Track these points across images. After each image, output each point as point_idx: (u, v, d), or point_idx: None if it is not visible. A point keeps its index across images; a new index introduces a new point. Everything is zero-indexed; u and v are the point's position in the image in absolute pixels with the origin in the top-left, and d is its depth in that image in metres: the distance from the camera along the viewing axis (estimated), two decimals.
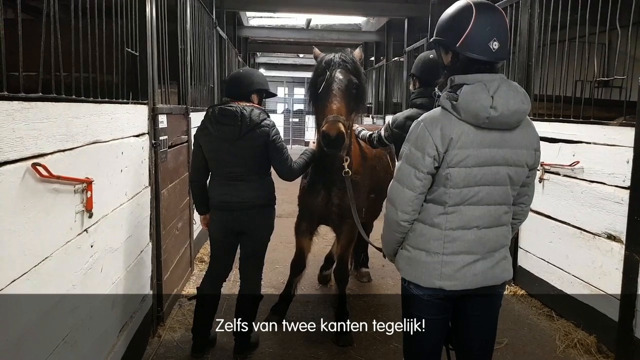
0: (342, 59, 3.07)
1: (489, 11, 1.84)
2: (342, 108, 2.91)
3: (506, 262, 2.01)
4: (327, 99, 2.94)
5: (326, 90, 2.97)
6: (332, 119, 2.84)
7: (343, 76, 3.00)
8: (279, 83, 28.08)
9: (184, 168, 4.41)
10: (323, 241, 4.99)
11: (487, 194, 1.88)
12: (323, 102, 2.97)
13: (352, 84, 3.02)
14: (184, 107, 4.48)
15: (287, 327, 3.66)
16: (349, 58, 3.09)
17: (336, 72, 3.00)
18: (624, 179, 3.23)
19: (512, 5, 4.68)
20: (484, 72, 1.84)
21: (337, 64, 3.05)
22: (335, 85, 2.97)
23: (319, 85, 3.02)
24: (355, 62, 3.11)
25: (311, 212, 3.60)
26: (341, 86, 2.97)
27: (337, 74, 3.00)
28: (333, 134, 2.80)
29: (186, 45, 4.65)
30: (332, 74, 3.00)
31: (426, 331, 2.03)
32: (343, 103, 2.92)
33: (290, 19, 14.12)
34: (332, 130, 2.81)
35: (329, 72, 3.00)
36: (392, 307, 4.07)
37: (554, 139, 4.01)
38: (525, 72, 4.53)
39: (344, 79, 3.00)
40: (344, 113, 2.91)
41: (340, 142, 2.83)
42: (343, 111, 2.90)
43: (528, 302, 4.24)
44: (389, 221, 2.03)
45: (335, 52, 3.15)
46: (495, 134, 1.84)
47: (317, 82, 3.07)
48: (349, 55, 3.12)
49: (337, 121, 2.83)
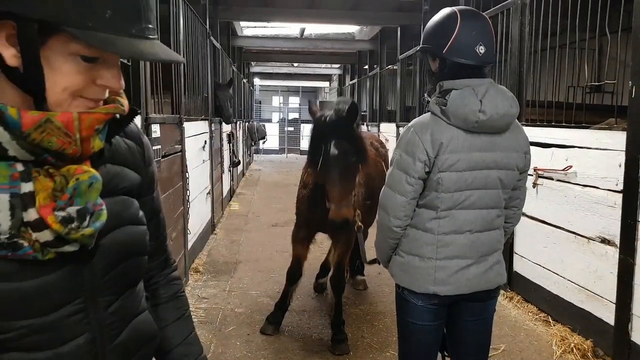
0: (336, 127, 2.97)
1: (474, 17, 1.87)
2: (343, 191, 2.94)
3: (499, 267, 2.01)
4: (329, 180, 2.95)
5: (325, 169, 2.96)
6: (336, 206, 2.92)
7: (338, 150, 2.93)
8: (274, 92, 28.18)
9: (177, 178, 4.40)
10: (319, 249, 4.98)
11: (478, 198, 1.89)
12: (324, 177, 2.99)
13: (349, 154, 2.96)
14: (178, 117, 4.48)
15: (282, 337, 3.65)
16: (339, 121, 2.97)
17: (331, 146, 2.93)
18: (617, 183, 3.24)
19: (503, 12, 4.72)
20: (472, 76, 1.85)
21: (332, 132, 2.97)
22: (330, 167, 2.93)
23: (317, 156, 2.98)
24: (346, 125, 2.98)
25: (309, 220, 3.59)
26: (340, 165, 2.93)
27: (332, 148, 2.93)
28: (338, 221, 2.93)
29: (179, 55, 4.65)
30: (328, 148, 2.94)
31: (421, 337, 2.03)
32: (344, 183, 2.94)
33: (284, 28, 14.19)
34: (336, 217, 2.92)
35: (324, 146, 2.95)
36: (388, 314, 4.06)
37: (547, 144, 4.02)
38: (517, 79, 4.56)
39: (339, 155, 2.93)
40: (347, 194, 2.96)
41: (346, 224, 2.96)
42: (344, 193, 2.94)
43: (524, 308, 4.23)
44: (381, 227, 2.03)
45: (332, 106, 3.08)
46: (485, 137, 1.86)
47: (314, 150, 3.04)
48: (339, 115, 2.97)
49: (339, 208, 2.91)
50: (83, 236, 0.81)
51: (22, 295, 0.81)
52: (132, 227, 0.98)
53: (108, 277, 0.92)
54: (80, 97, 0.82)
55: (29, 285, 0.81)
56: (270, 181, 12.85)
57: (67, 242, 0.81)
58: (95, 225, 0.83)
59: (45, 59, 0.77)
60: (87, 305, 0.90)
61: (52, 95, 0.79)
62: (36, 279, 0.82)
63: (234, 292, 4.55)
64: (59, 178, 0.80)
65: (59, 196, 0.79)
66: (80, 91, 0.81)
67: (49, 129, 0.77)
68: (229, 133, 8.88)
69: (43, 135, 0.77)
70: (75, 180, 0.80)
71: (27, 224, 0.78)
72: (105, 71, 0.82)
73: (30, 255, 0.80)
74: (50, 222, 0.78)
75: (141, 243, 1.00)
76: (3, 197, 0.77)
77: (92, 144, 0.83)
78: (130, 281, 1.00)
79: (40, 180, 0.79)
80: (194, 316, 3.92)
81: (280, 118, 27.58)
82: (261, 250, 6.01)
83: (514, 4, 4.52)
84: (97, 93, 0.84)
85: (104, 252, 0.91)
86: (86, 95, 0.82)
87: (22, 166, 0.79)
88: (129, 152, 1.02)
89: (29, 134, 0.76)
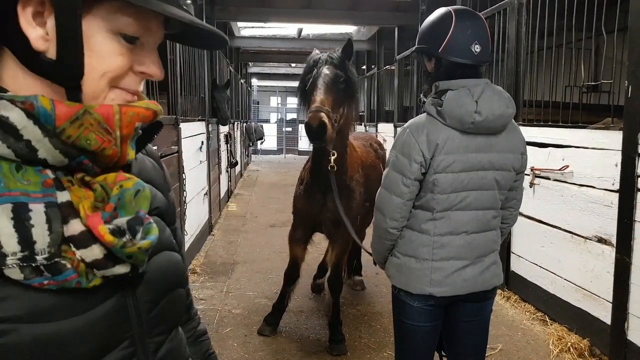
0: (329, 56, 3.08)
1: (469, 16, 1.87)
2: (327, 99, 2.88)
3: (496, 267, 2.01)
4: (312, 92, 2.94)
5: (312, 86, 2.98)
6: (315, 109, 2.82)
7: (329, 71, 3.00)
8: (272, 93, 28.14)
9: (174, 179, 4.39)
10: (316, 250, 4.98)
11: (474, 199, 1.88)
12: (309, 97, 2.97)
13: (338, 77, 3.00)
14: (174, 118, 4.47)
15: (280, 338, 3.65)
16: (336, 55, 3.10)
17: (323, 68, 3.02)
18: (613, 182, 3.24)
19: (499, 12, 4.73)
20: (468, 76, 1.85)
21: (324, 61, 3.06)
22: (320, 80, 2.97)
23: (307, 82, 3.04)
24: (342, 58, 3.10)
25: (306, 219, 3.58)
26: (326, 79, 2.96)
27: (323, 69, 3.01)
28: (314, 123, 2.77)
29: (175, 56, 4.65)
30: (319, 70, 3.01)
31: (418, 338, 2.03)
32: (328, 95, 2.91)
33: (282, 28, 14.17)
34: (313, 120, 2.78)
35: (316, 69, 3.03)
36: (385, 315, 4.05)
37: (544, 144, 4.03)
38: (514, 78, 4.57)
39: (330, 73, 2.99)
40: (329, 104, 2.88)
41: (322, 132, 2.78)
42: (327, 102, 2.87)
43: (521, 307, 4.24)
44: (378, 229, 2.03)
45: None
46: (481, 138, 1.85)
47: (305, 80, 3.10)
48: (337, 53, 3.13)
49: (318, 111, 2.80)
50: (140, 250, 0.65)
51: (62, 341, 0.63)
52: (170, 253, 0.84)
53: (155, 312, 0.76)
54: (117, 87, 0.69)
55: (71, 325, 0.64)
56: (268, 182, 12.83)
57: (117, 261, 0.65)
58: (151, 237, 0.68)
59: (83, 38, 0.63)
60: (137, 348, 0.73)
61: (89, 84, 0.65)
62: (79, 316, 0.65)
63: (232, 293, 4.54)
64: (97, 187, 0.66)
65: (101, 207, 0.65)
66: (118, 79, 0.69)
67: (88, 123, 0.63)
68: (226, 134, 8.87)
69: (80, 130, 0.63)
70: (120, 188, 0.67)
71: (69, 240, 0.62)
72: (144, 56, 0.71)
73: (73, 281, 0.63)
74: (101, 233, 0.62)
75: (181, 271, 0.86)
76: (37, 209, 0.61)
77: (129, 148, 0.69)
78: (177, 317, 0.85)
79: (74, 190, 0.65)
80: None
81: (278, 118, 27.54)
82: (259, 251, 6.00)
83: (511, 4, 4.53)
84: (134, 83, 0.71)
85: (149, 279, 0.75)
86: (123, 86, 0.70)
87: (52, 173, 0.64)
88: (154, 170, 0.89)
89: (64, 129, 0.62)
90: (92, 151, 0.64)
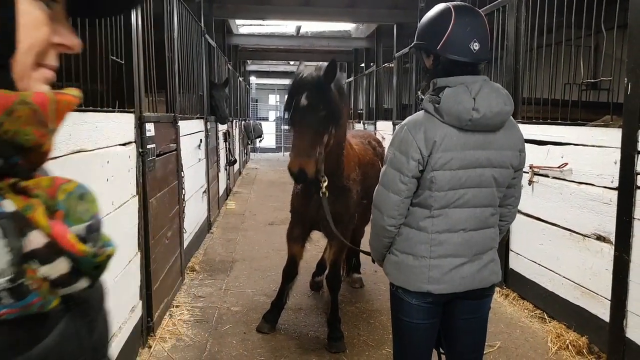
0: (309, 81, 2.97)
1: (468, 13, 1.85)
2: (305, 139, 2.91)
3: (494, 265, 2.00)
4: (294, 130, 2.97)
5: (292, 120, 2.99)
6: (294, 156, 2.91)
7: (307, 101, 2.93)
8: (270, 90, 28.10)
9: (173, 176, 4.38)
10: (315, 247, 4.97)
11: (472, 197, 1.88)
12: (292, 129, 3.00)
13: (317, 107, 2.92)
14: (172, 116, 4.45)
15: (279, 335, 3.64)
16: (315, 77, 2.98)
17: (302, 98, 2.94)
18: (612, 180, 3.24)
19: (499, 9, 4.72)
20: (466, 73, 1.84)
21: (305, 85, 2.97)
22: (297, 115, 2.95)
23: (289, 109, 3.01)
24: (323, 81, 2.96)
25: (304, 217, 3.58)
26: (304, 114, 2.92)
27: (302, 100, 2.94)
28: (294, 170, 2.90)
29: (174, 54, 4.64)
30: (299, 100, 2.95)
31: (416, 336, 2.02)
32: (306, 133, 2.91)
33: (280, 26, 14.16)
34: (292, 166, 2.90)
35: (296, 97, 2.97)
36: (384, 312, 4.05)
37: (543, 142, 4.02)
38: (513, 76, 4.56)
39: (308, 105, 2.92)
40: (309, 141, 2.91)
41: (302, 177, 2.91)
42: (306, 141, 2.91)
43: (520, 305, 4.24)
44: (375, 226, 2.02)
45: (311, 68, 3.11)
46: (478, 136, 1.84)
47: (288, 105, 3.06)
48: (316, 73, 3.00)
49: (297, 157, 2.89)
50: (108, 259, 0.58)
51: None
52: None
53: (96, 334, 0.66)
54: (40, 65, 0.58)
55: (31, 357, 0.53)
56: (266, 180, 12.82)
57: (80, 274, 0.55)
58: (112, 244, 0.60)
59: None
60: None
61: (16, 62, 0.54)
62: (38, 347, 0.53)
63: (230, 291, 4.54)
64: (40, 192, 0.55)
65: (50, 216, 0.55)
66: (43, 54, 0.57)
67: (25, 114, 0.52)
68: (225, 132, 8.86)
69: (18, 124, 0.51)
70: (64, 193, 0.56)
71: (29, 255, 0.51)
72: (60, 25, 0.59)
73: (35, 305, 0.52)
74: (72, 242, 0.53)
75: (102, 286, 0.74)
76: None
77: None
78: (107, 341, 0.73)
79: (12, 198, 0.53)
80: (190, 315, 3.92)
81: (277, 116, 27.52)
82: (257, 248, 6.00)
83: (510, 1, 4.51)
84: (54, 58, 0.60)
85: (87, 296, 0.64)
86: (45, 62, 0.58)
87: None
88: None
89: (2, 123, 0.51)
90: (29, 148, 0.54)
